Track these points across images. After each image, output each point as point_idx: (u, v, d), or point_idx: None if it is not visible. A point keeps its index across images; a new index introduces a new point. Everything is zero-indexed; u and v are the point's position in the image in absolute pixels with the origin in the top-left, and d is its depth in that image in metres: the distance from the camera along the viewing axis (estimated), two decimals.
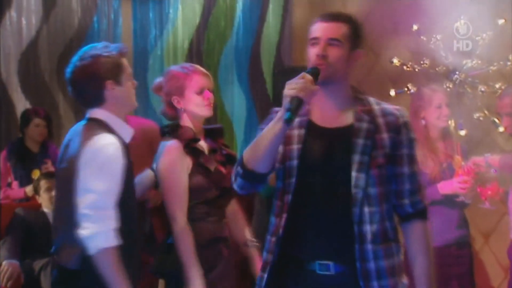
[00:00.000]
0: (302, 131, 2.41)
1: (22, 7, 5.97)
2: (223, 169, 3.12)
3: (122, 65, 2.71)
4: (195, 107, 3.11)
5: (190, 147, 3.07)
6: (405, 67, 4.43)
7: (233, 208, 3.26)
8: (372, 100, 2.45)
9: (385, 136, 2.37)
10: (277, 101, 5.49)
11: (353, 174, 2.32)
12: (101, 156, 2.58)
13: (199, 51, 5.93)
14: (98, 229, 2.54)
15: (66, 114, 5.99)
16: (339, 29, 2.36)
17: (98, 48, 2.71)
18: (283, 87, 2.34)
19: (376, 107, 2.42)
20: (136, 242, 2.77)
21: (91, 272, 2.57)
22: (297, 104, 2.26)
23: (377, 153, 2.35)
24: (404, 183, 2.40)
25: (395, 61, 4.43)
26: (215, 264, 3.04)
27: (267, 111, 5.34)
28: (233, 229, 3.24)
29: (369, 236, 2.32)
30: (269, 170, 2.37)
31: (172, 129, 3.14)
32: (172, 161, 3.03)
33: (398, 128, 2.38)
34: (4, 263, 4.15)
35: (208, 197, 3.06)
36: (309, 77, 2.29)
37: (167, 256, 3.05)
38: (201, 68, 3.19)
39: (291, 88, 2.27)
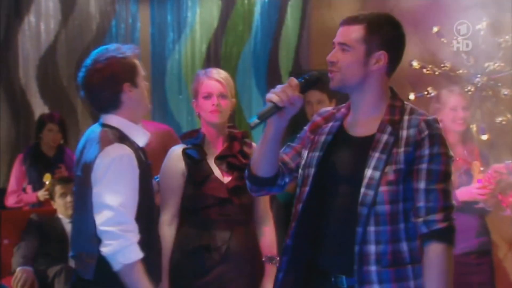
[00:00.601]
0: (329, 138, 2.31)
1: (40, 12, 5.97)
2: (226, 177, 3.07)
3: (137, 67, 2.65)
4: (203, 112, 3.09)
5: (184, 153, 3.05)
6: (425, 70, 4.33)
7: (262, 218, 3.17)
8: (408, 108, 2.27)
9: (401, 150, 2.19)
10: None
11: (362, 190, 2.18)
12: (114, 169, 2.52)
13: (217, 55, 5.89)
14: (120, 245, 2.49)
15: (84, 119, 5.98)
16: (350, 33, 2.24)
17: (112, 50, 2.62)
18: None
19: (406, 117, 2.24)
20: (159, 249, 2.76)
21: (105, 284, 2.54)
22: (270, 110, 2.19)
23: (390, 168, 2.17)
24: (419, 200, 2.17)
25: (415, 64, 4.33)
26: (202, 272, 2.98)
27: None
28: (259, 240, 3.18)
29: (372, 257, 2.16)
30: (271, 175, 2.31)
31: (184, 135, 3.15)
32: (166, 165, 3.06)
33: (418, 142, 2.19)
34: (18, 269, 4.13)
35: (200, 205, 3.01)
36: (294, 82, 2.22)
37: None
38: (217, 73, 3.13)
39: (271, 92, 2.20)
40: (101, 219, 2.50)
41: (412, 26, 5.02)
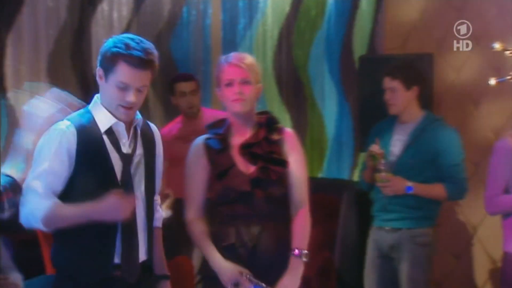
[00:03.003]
0: None
1: (113, 0, 5.97)
2: (250, 168, 2.90)
3: (115, 65, 2.60)
4: (226, 101, 2.93)
5: (205, 144, 2.92)
6: (507, 53, 4.03)
7: (295, 209, 2.98)
8: None
9: None
10: (362, 90, 5.15)
11: None
12: (41, 140, 2.62)
13: (289, 41, 5.72)
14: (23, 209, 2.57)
15: (155, 108, 5.95)
16: None
17: (128, 39, 2.68)
18: (367, 75, 2.13)
19: None
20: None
21: None
22: None
23: None
24: None
25: (497, 45, 4.04)
26: None
27: (359, 104, 5.07)
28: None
29: None
30: None
31: (210, 124, 3.02)
32: (189, 157, 2.95)
33: None
34: None
35: (224, 200, 2.86)
36: None
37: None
38: (238, 58, 2.94)
39: None
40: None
41: (496, 6, 4.74)
